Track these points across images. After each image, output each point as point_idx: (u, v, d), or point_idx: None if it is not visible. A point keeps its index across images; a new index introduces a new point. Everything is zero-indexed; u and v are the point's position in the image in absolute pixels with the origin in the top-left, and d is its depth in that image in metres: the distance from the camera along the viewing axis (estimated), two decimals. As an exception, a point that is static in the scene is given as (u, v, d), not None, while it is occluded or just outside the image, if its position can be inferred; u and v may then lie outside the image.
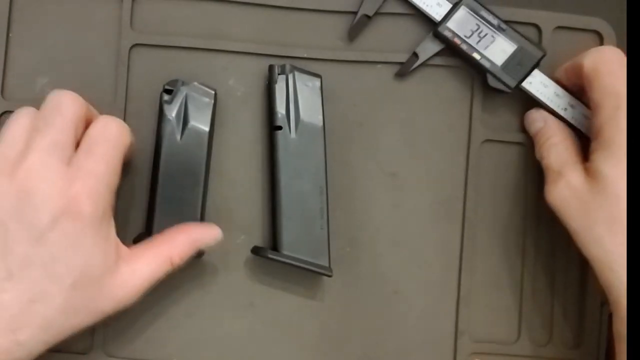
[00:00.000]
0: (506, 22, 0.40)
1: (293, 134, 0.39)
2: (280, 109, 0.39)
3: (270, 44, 0.41)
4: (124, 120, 0.40)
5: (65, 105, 0.34)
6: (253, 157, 0.41)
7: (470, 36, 0.40)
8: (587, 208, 0.36)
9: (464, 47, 0.40)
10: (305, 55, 0.41)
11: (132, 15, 0.41)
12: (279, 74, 0.39)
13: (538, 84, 0.40)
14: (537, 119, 0.41)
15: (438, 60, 0.42)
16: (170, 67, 0.39)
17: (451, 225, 0.41)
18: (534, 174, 0.42)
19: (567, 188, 0.37)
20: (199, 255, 0.38)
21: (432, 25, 0.41)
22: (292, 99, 0.39)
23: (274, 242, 0.39)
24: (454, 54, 0.41)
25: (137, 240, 0.37)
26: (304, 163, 0.39)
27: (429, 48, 0.41)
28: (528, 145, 0.42)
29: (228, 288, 0.40)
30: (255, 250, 0.39)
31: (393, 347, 0.41)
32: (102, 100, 0.41)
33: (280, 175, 0.39)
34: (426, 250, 0.41)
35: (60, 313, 0.32)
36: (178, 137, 0.38)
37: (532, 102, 0.41)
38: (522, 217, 0.42)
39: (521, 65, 0.40)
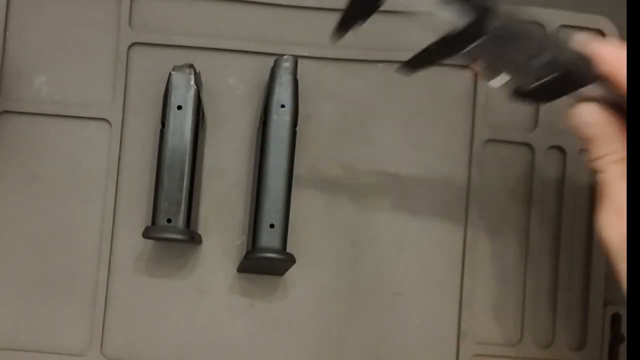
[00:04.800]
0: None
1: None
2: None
3: (271, 43, 0.41)
4: (123, 119, 0.40)
5: None
6: (253, 156, 0.40)
7: None
8: None
9: None
10: (306, 54, 0.41)
11: (131, 13, 0.41)
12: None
13: None
14: (593, 122, 0.32)
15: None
16: (169, 66, 0.39)
17: (453, 226, 0.41)
18: (537, 174, 0.41)
19: (624, 233, 0.30)
20: (197, 241, 0.38)
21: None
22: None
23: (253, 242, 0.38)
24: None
25: (145, 234, 0.37)
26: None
27: None
28: (531, 144, 0.41)
29: (227, 289, 0.40)
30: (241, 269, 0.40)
31: (395, 348, 0.40)
32: (100, 100, 0.40)
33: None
34: (428, 251, 0.41)
35: None
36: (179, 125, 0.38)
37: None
38: (525, 218, 0.41)
39: None
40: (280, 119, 0.38)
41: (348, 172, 0.41)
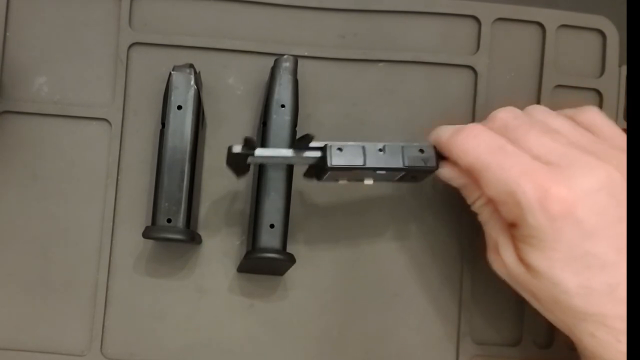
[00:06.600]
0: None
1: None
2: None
3: (271, 43, 0.41)
4: (123, 119, 0.40)
5: None
6: (253, 156, 0.40)
7: None
8: (527, 289, 0.34)
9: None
10: (306, 54, 0.41)
11: (131, 13, 0.41)
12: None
13: None
14: (452, 177, 0.36)
15: (440, 59, 0.41)
16: (169, 66, 0.39)
17: (452, 226, 0.41)
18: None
19: (504, 267, 0.35)
20: (197, 241, 0.38)
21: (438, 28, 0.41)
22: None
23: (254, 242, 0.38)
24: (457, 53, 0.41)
25: (145, 234, 0.37)
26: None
27: None
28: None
29: (228, 289, 0.40)
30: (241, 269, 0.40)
31: (394, 350, 0.40)
32: (100, 100, 0.40)
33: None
34: (427, 252, 0.41)
35: None
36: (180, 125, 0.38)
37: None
38: (525, 218, 0.41)
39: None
40: (280, 119, 0.38)
41: (348, 172, 0.41)
